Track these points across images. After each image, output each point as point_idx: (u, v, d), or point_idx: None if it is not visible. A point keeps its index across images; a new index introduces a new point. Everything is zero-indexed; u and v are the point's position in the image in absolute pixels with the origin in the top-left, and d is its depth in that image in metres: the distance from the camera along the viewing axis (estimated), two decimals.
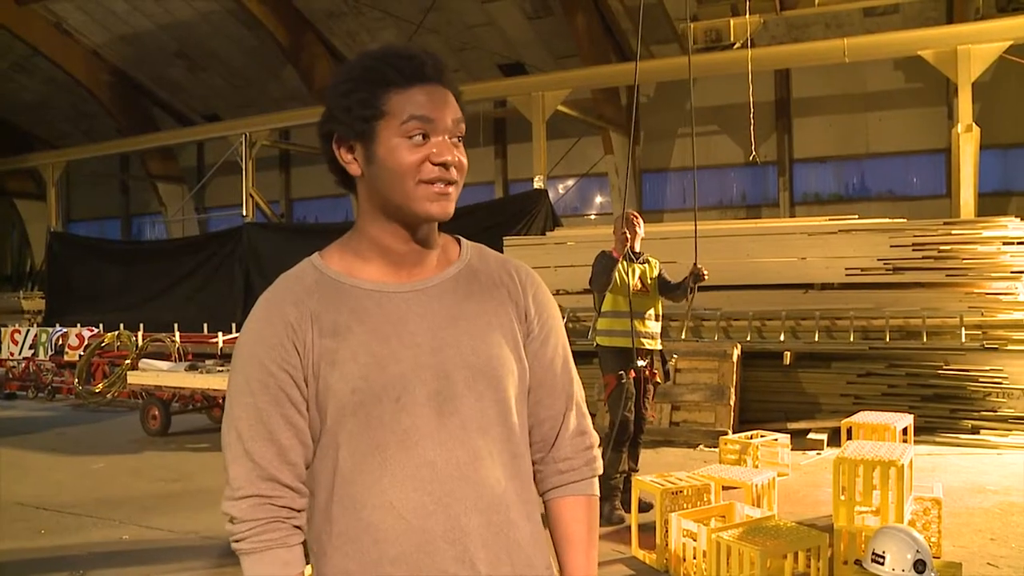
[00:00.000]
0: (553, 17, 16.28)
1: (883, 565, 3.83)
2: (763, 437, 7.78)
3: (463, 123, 1.52)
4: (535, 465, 1.63)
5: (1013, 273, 9.65)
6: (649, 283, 6.41)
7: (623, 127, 16.53)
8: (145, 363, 11.53)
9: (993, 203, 13.50)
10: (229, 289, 16.59)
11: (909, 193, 15.55)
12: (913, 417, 7.32)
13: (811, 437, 8.79)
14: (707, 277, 6.34)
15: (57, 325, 15.28)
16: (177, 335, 13.32)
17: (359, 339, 1.46)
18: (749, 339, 10.11)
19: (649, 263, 6.49)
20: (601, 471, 1.67)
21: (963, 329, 9.27)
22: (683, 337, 10.19)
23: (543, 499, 1.64)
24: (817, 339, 9.88)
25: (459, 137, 1.51)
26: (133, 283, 18.24)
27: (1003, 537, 5.59)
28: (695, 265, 6.32)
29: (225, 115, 20.68)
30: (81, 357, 13.55)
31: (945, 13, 14.07)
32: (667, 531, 5.07)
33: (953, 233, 9.93)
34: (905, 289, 10.06)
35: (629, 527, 5.60)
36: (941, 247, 9.88)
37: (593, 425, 1.70)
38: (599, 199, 18.52)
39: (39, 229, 22.85)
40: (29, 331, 15.10)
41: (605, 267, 6.28)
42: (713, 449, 8.32)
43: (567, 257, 11.62)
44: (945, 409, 9.06)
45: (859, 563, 4.03)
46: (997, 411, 8.96)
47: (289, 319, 1.47)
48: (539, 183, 14.16)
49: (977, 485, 6.96)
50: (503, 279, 1.60)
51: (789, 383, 9.86)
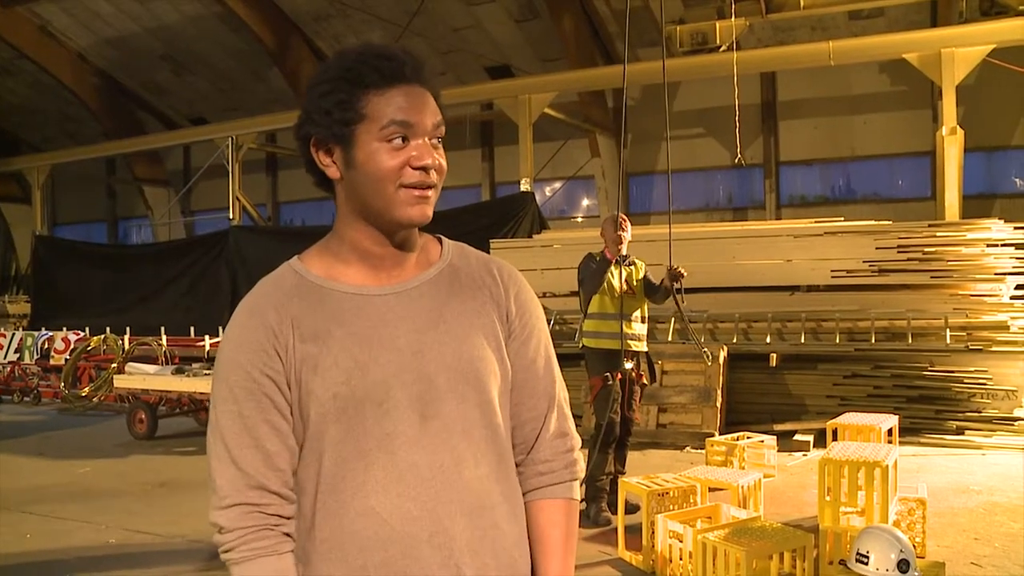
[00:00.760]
0: (540, 20, 16.31)
1: (867, 565, 3.85)
2: (749, 439, 7.80)
3: (443, 125, 1.50)
4: (517, 467, 1.60)
5: (997, 275, 9.72)
6: (635, 285, 6.42)
7: (610, 130, 16.57)
8: (131, 367, 11.47)
9: (977, 205, 13.58)
10: (216, 292, 16.52)
11: (894, 195, 15.64)
12: (898, 418, 7.34)
13: (797, 438, 8.82)
14: (685, 275, 6.32)
15: (43, 329, 15.21)
16: (164, 338, 13.29)
17: (340, 344, 1.44)
18: (735, 341, 10.14)
19: (635, 265, 6.51)
20: (582, 475, 1.65)
21: (948, 331, 9.32)
22: (670, 339, 10.23)
23: (524, 501, 1.60)
24: (803, 341, 9.92)
25: (439, 139, 1.49)
26: (119, 287, 18.15)
27: (987, 536, 5.63)
28: (671, 266, 6.32)
29: (211, 118, 20.62)
30: (67, 361, 13.46)
31: (929, 16, 14.15)
32: (653, 532, 5.08)
33: (938, 235, 9.99)
34: (890, 291, 10.12)
35: (615, 529, 5.61)
36: (926, 249, 9.93)
37: (579, 427, 1.70)
38: (586, 202, 18.56)
39: (24, 233, 22.72)
40: (14, 335, 15.01)
41: (599, 268, 6.27)
42: (700, 451, 8.34)
43: (554, 260, 11.63)
44: (930, 410, 9.11)
45: (844, 563, 4.06)
46: (981, 412, 9.02)
47: (270, 324, 1.45)
48: (526, 186, 14.19)
49: (961, 485, 7.01)
50: (484, 279, 1.58)
51: (775, 385, 9.90)
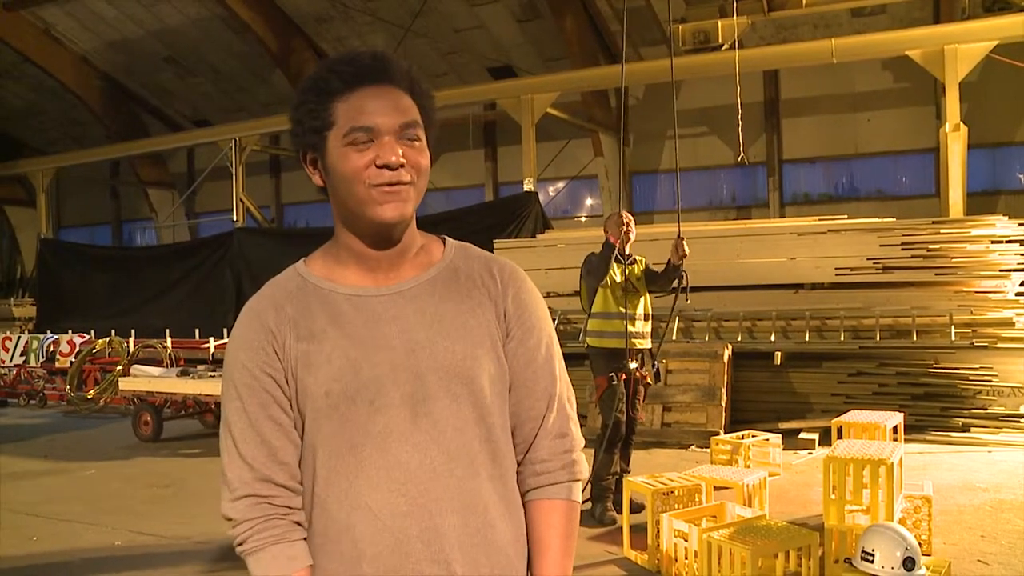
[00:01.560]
0: (542, 20, 16.30)
1: (873, 563, 3.85)
2: (754, 437, 7.80)
3: (417, 122, 1.51)
4: (517, 467, 1.61)
5: (1002, 271, 9.70)
6: (636, 282, 6.41)
7: (613, 129, 16.56)
8: (136, 369, 11.49)
9: (981, 202, 13.56)
10: (220, 294, 16.54)
11: (898, 193, 15.60)
12: (903, 416, 7.33)
13: (802, 437, 8.82)
14: (687, 251, 6.29)
15: (48, 332, 15.20)
16: (168, 341, 13.28)
17: (334, 342, 1.49)
18: (740, 339, 10.14)
19: (636, 261, 6.50)
20: (583, 476, 1.64)
21: (953, 327, 9.30)
22: (674, 338, 10.22)
23: (523, 501, 1.61)
24: (807, 339, 9.91)
25: (410, 137, 1.49)
26: (124, 289, 18.18)
27: (993, 534, 5.62)
28: (677, 237, 6.29)
29: (215, 120, 20.64)
30: (72, 364, 13.50)
31: (932, 13, 14.13)
32: (659, 531, 5.08)
33: (942, 232, 9.97)
34: (895, 288, 10.10)
35: (621, 528, 5.61)
36: (930, 246, 9.92)
37: (584, 427, 1.69)
38: (589, 201, 18.54)
39: (29, 236, 22.78)
40: (20, 338, 15.02)
41: (604, 255, 6.21)
42: (704, 449, 8.35)
43: (558, 259, 11.62)
44: (935, 407, 9.10)
45: (849, 561, 4.05)
46: (987, 409, 9.00)
47: (268, 324, 1.51)
48: (529, 185, 14.18)
49: (967, 483, 7.00)
50: (483, 279, 1.60)
51: (780, 383, 9.89)
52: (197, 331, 13.83)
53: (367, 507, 1.46)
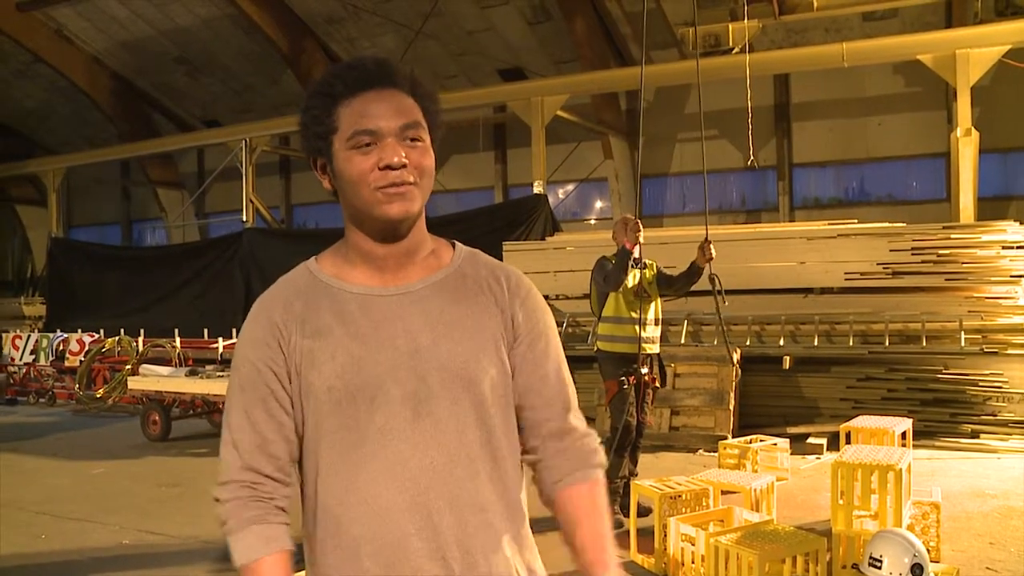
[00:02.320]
0: (553, 22, 16.30)
1: (880, 569, 3.83)
2: (762, 441, 7.77)
3: (419, 123, 1.54)
4: (536, 468, 1.64)
5: (1012, 277, 9.65)
6: (647, 286, 6.40)
7: (622, 132, 16.56)
8: (145, 368, 11.53)
9: (993, 207, 13.49)
10: (229, 294, 16.56)
11: (909, 197, 15.56)
12: (912, 421, 7.30)
13: (810, 441, 8.79)
14: (714, 254, 6.31)
15: (58, 331, 15.27)
16: (177, 340, 13.33)
17: (338, 340, 1.52)
18: (748, 344, 10.12)
19: (647, 266, 6.49)
20: (605, 463, 1.67)
21: (963, 333, 9.27)
22: (682, 342, 10.21)
23: (550, 499, 1.64)
24: (816, 343, 9.88)
25: (412, 138, 1.52)
26: (134, 288, 18.22)
27: (1002, 541, 5.59)
28: (704, 241, 6.29)
29: (225, 121, 20.69)
30: (82, 362, 13.56)
31: (944, 17, 14.07)
32: (666, 535, 5.08)
33: (953, 237, 9.93)
34: (904, 293, 10.06)
35: (628, 531, 5.60)
36: (940, 251, 9.88)
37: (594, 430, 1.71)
38: (599, 204, 18.52)
39: (40, 235, 22.85)
40: (30, 336, 15.10)
41: (620, 261, 6.17)
42: (712, 453, 8.33)
43: (567, 262, 11.62)
44: (945, 413, 9.07)
45: (857, 567, 4.04)
46: (997, 415, 8.97)
47: (275, 320, 1.55)
48: (539, 188, 14.18)
49: (976, 489, 6.97)
50: (491, 284, 1.62)
51: (788, 387, 9.87)
52: (206, 331, 13.87)
53: (366, 503, 1.48)
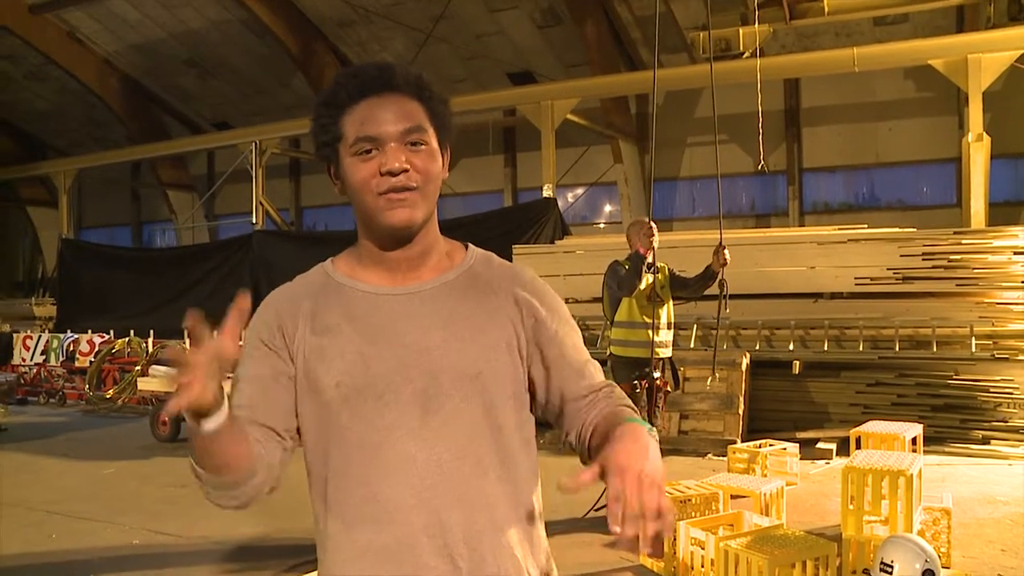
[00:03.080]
0: (562, 26, 16.31)
1: (891, 574, 3.82)
2: (772, 446, 7.76)
3: (421, 126, 1.53)
4: (568, 436, 1.62)
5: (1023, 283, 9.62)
6: (660, 290, 6.40)
7: (632, 136, 16.55)
8: (155, 369, 11.56)
9: (1004, 213, 13.45)
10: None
11: (919, 203, 15.51)
12: (923, 427, 7.26)
13: (820, 446, 8.76)
14: (729, 259, 6.31)
15: (68, 331, 15.33)
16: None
17: (348, 337, 1.53)
18: (758, 348, 10.10)
19: (659, 269, 6.49)
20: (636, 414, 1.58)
21: (973, 339, 9.23)
22: (692, 346, 10.19)
23: (586, 450, 1.57)
24: (826, 348, 9.86)
25: (415, 142, 1.52)
26: (143, 290, 18.26)
27: (1014, 548, 5.56)
28: (719, 246, 6.29)
29: (235, 123, 20.75)
30: (92, 363, 13.61)
31: (955, 22, 14.04)
32: (675, 539, 5.07)
33: (963, 243, 9.89)
34: (915, 299, 10.03)
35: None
36: (951, 257, 9.84)
37: None
38: (608, 208, 18.52)
39: (51, 236, 22.92)
40: (40, 337, 15.17)
41: (634, 266, 6.17)
42: (722, 458, 8.31)
43: (576, 266, 11.61)
44: (955, 419, 9.03)
45: (867, 572, 4.03)
46: (1008, 421, 8.92)
47: (280, 309, 1.60)
48: (548, 192, 14.17)
49: (987, 496, 6.94)
50: (503, 284, 1.62)
51: (798, 392, 9.84)
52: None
53: (375, 499, 1.49)
